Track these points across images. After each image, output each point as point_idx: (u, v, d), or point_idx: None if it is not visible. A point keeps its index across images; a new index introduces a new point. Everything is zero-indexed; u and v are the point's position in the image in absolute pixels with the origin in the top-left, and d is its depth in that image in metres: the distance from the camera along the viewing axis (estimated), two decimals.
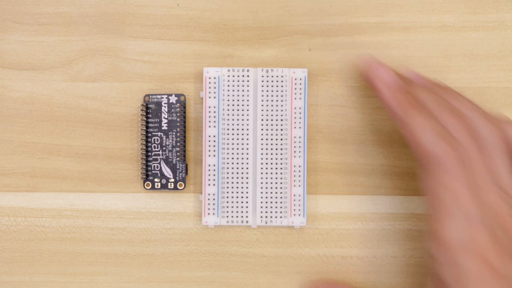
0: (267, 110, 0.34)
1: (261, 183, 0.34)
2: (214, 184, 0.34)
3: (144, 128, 0.34)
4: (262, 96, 0.34)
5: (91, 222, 0.35)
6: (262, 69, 0.34)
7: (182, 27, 0.35)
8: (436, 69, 0.34)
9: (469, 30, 0.34)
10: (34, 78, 0.35)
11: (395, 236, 0.35)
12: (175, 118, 0.35)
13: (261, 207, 0.34)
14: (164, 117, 0.34)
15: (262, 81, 0.34)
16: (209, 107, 0.34)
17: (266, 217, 0.34)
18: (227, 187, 0.34)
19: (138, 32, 0.35)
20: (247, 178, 0.34)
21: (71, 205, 0.35)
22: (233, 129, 0.34)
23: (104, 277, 0.35)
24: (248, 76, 0.34)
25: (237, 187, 0.34)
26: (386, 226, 0.35)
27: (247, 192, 0.34)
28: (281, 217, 0.34)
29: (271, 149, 0.34)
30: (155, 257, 0.35)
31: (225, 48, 0.35)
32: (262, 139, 0.34)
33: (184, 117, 0.35)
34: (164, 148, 0.35)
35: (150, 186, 0.35)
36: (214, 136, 0.34)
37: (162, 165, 0.35)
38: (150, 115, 0.35)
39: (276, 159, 0.34)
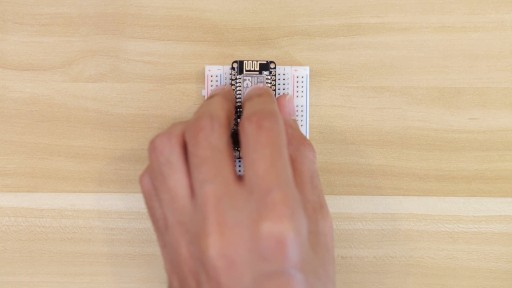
0: None
1: None
2: None
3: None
4: None
5: (91, 222, 0.35)
6: None
7: (182, 27, 0.35)
8: (436, 69, 0.34)
9: (469, 31, 0.34)
10: (34, 78, 0.35)
11: (395, 236, 0.35)
12: None
13: None
14: None
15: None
16: None
17: None
18: None
19: (138, 32, 0.35)
20: None
21: (71, 205, 0.35)
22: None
23: (105, 277, 0.35)
24: None
25: None
26: (386, 226, 0.35)
27: None
28: None
29: None
30: (155, 257, 0.35)
31: (225, 48, 0.35)
32: None
33: None
34: None
35: None
36: None
37: None
38: None
39: None
